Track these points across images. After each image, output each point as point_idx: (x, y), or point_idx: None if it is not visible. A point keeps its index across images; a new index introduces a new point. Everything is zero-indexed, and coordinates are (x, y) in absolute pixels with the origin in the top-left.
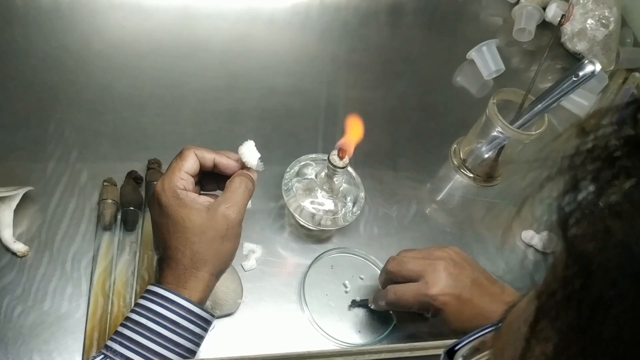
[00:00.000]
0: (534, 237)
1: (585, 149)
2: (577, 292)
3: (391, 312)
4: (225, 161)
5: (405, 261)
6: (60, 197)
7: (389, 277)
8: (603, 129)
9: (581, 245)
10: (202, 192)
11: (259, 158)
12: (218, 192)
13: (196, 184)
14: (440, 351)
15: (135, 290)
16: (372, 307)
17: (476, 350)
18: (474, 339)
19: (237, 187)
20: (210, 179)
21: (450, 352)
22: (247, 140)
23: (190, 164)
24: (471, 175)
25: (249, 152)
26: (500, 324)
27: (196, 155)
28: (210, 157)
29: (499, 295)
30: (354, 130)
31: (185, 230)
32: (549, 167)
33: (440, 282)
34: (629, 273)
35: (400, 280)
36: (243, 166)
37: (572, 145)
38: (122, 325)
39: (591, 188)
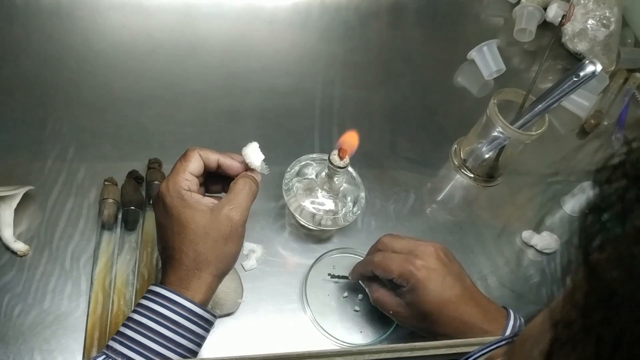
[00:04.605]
0: (533, 237)
1: (613, 163)
2: (598, 325)
3: (363, 283)
4: (229, 162)
5: (392, 257)
6: (59, 196)
7: (371, 270)
8: (636, 142)
9: (604, 273)
10: (207, 193)
11: (263, 160)
12: (223, 194)
13: (201, 185)
14: (441, 351)
15: (136, 288)
16: (350, 278)
17: None
18: (486, 352)
19: (240, 188)
20: (216, 181)
21: None
22: (251, 141)
23: (194, 165)
24: (471, 175)
25: (253, 154)
26: (514, 339)
27: (200, 156)
28: (214, 158)
29: (475, 295)
30: (350, 142)
31: (189, 231)
32: (564, 178)
33: (428, 258)
34: None
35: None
36: (247, 167)
37: (600, 158)
38: (124, 325)
39: (617, 208)
